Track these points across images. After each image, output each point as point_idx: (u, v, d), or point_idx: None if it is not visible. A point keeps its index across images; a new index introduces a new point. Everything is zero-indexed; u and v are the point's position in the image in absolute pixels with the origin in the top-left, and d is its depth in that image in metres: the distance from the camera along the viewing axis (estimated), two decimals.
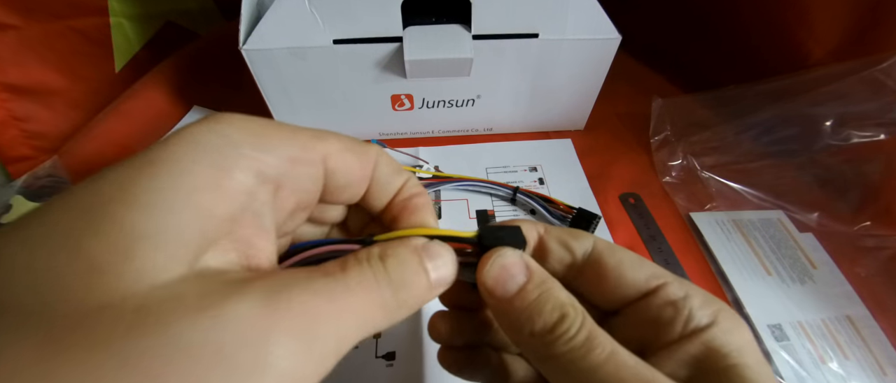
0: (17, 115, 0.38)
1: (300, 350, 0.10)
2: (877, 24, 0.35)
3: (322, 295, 0.11)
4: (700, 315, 0.14)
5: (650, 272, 0.15)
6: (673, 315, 0.14)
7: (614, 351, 0.12)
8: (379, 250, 0.13)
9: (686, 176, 0.41)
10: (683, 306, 0.14)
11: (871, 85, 0.33)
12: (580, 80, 0.41)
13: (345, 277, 0.12)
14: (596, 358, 0.12)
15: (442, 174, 0.40)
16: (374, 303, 0.12)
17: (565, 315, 0.13)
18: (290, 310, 0.10)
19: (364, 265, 0.12)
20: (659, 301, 0.15)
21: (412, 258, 0.13)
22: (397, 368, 0.28)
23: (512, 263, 0.14)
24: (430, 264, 0.13)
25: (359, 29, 0.34)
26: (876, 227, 0.36)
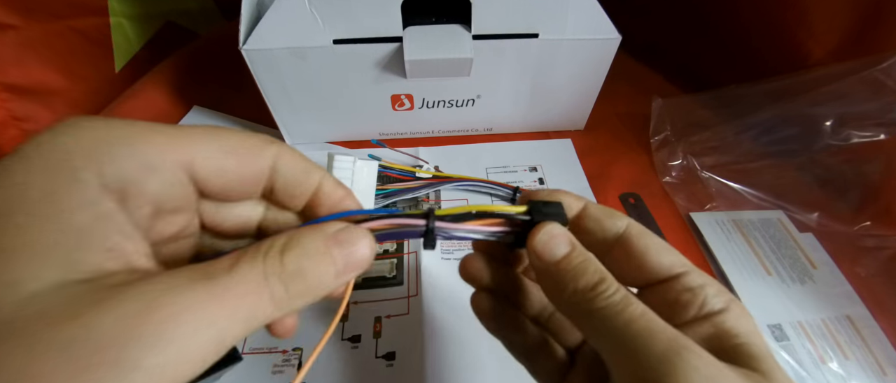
0: (17, 115, 0.38)
1: (169, 350, 0.10)
2: (877, 24, 0.35)
3: (198, 297, 0.11)
4: (714, 301, 0.15)
5: (673, 260, 0.17)
6: (690, 299, 0.16)
7: (646, 310, 0.14)
8: (284, 241, 0.13)
9: (686, 176, 0.41)
10: (700, 293, 0.16)
11: (871, 85, 0.33)
12: (580, 80, 0.41)
13: (227, 278, 0.12)
14: (632, 313, 0.14)
15: (442, 174, 0.40)
16: (261, 299, 0.12)
17: (604, 278, 0.15)
18: (159, 313, 0.10)
19: (257, 261, 0.12)
20: (679, 286, 0.16)
21: (319, 248, 0.13)
22: (397, 368, 0.28)
23: (559, 234, 0.16)
24: (340, 252, 0.14)
25: (359, 29, 0.34)
26: (876, 227, 0.36)
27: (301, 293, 0.13)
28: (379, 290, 0.32)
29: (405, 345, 0.29)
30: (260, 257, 0.12)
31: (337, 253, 0.14)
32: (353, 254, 0.14)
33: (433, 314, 0.30)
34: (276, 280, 0.12)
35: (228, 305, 0.11)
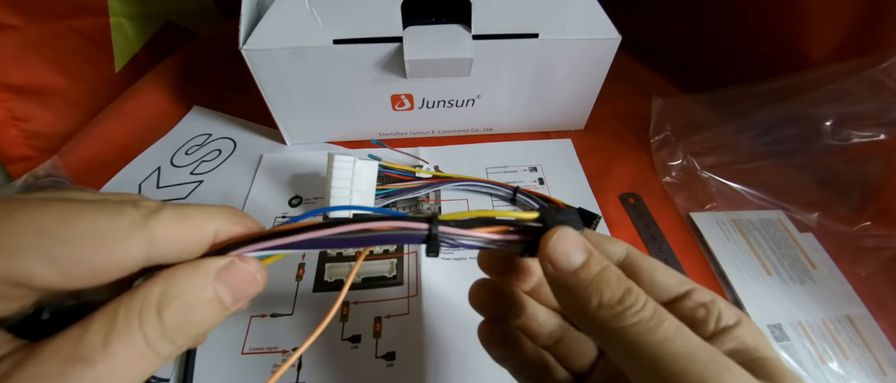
0: (17, 115, 0.38)
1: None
2: (877, 24, 0.35)
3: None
4: (727, 315, 0.15)
5: (679, 278, 0.16)
6: (705, 315, 0.15)
7: (681, 326, 0.13)
8: (158, 294, 0.12)
9: (686, 176, 0.41)
10: (714, 308, 0.15)
11: (871, 85, 0.33)
12: (580, 80, 0.41)
13: (106, 358, 0.11)
14: (666, 331, 0.13)
15: (442, 174, 0.40)
16: (147, 363, 0.11)
17: (630, 289, 0.14)
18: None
19: (133, 329, 0.11)
20: (691, 303, 0.15)
21: (202, 295, 0.13)
22: (397, 368, 0.28)
23: (574, 239, 0.15)
24: (227, 290, 0.13)
25: (359, 29, 0.34)
26: (876, 227, 0.36)
27: (190, 339, 0.12)
28: (379, 290, 0.32)
29: (405, 345, 0.29)
30: (135, 323, 0.11)
31: (223, 291, 0.13)
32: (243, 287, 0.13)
33: (433, 314, 0.30)
34: (160, 340, 0.11)
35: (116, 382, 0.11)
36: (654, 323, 0.13)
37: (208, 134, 0.45)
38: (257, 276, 0.14)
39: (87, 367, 0.10)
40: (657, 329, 0.13)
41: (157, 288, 0.12)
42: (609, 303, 0.14)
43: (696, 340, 0.13)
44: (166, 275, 0.12)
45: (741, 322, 0.15)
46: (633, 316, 0.13)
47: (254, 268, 0.14)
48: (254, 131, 0.46)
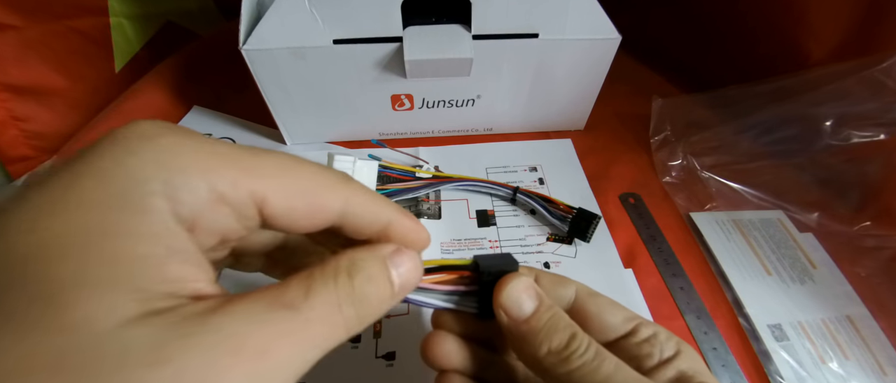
0: (17, 115, 0.38)
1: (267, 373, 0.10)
2: (877, 24, 0.35)
3: (282, 329, 0.11)
4: (667, 347, 0.17)
5: (624, 315, 0.18)
6: (650, 350, 0.17)
7: (620, 363, 0.14)
8: (347, 263, 0.13)
9: (686, 176, 0.41)
10: (656, 342, 0.17)
11: (871, 85, 0.33)
12: (580, 80, 0.41)
13: (307, 307, 0.11)
14: (607, 369, 0.14)
15: (442, 174, 0.40)
16: (336, 328, 0.12)
17: (575, 334, 0.15)
18: (247, 350, 0.10)
19: (329, 287, 0.12)
20: (637, 339, 0.17)
21: (381, 271, 0.13)
22: (397, 368, 0.28)
23: (525, 287, 0.16)
24: (396, 272, 0.14)
25: (359, 29, 0.34)
26: (876, 227, 0.36)
27: (368, 316, 0.13)
28: None
29: (405, 345, 0.29)
30: (331, 282, 0.12)
31: (394, 275, 0.14)
32: (407, 276, 0.14)
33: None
34: (349, 305, 0.12)
35: (310, 335, 0.11)
36: (595, 364, 0.14)
37: (208, 134, 0.45)
38: (421, 268, 0.15)
39: (292, 311, 0.11)
40: (599, 369, 0.14)
41: (344, 259, 0.13)
42: (556, 349, 0.15)
43: (633, 376, 0.14)
44: (349, 251, 0.13)
45: (681, 351, 0.17)
46: (578, 359, 0.15)
47: (416, 260, 0.15)
48: (254, 131, 0.46)
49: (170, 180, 0.11)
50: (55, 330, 0.09)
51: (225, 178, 0.11)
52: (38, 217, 0.10)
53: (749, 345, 0.30)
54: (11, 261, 0.09)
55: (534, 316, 0.16)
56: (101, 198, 0.10)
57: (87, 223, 0.10)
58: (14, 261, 0.09)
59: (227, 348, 0.10)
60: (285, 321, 0.11)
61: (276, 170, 0.12)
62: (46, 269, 0.09)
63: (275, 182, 0.12)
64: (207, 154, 0.11)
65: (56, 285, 0.09)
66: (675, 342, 0.17)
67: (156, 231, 0.10)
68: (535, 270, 0.19)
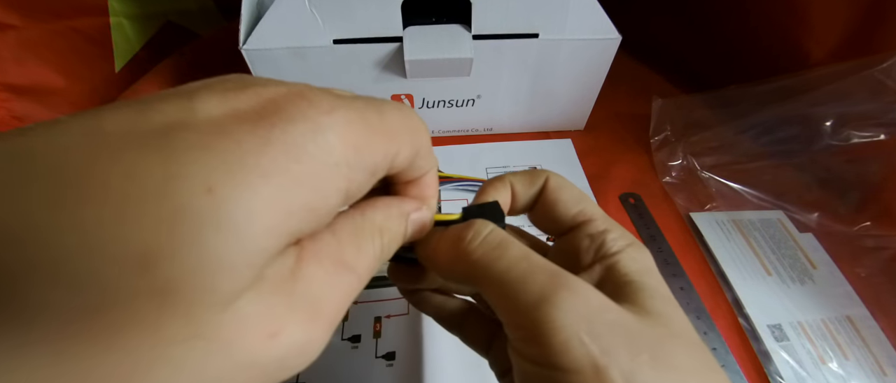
0: (17, 115, 0.38)
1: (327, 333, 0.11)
2: (877, 24, 0.35)
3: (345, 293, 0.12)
4: (611, 246, 0.16)
5: (581, 209, 0.17)
6: (589, 245, 0.16)
7: (527, 252, 0.14)
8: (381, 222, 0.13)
9: (686, 176, 0.41)
10: (599, 238, 0.16)
11: (871, 85, 0.33)
12: (580, 80, 0.41)
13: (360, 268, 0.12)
14: (510, 258, 0.13)
15: (442, 174, 0.40)
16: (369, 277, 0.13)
17: (473, 222, 0.15)
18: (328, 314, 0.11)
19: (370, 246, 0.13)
20: (581, 233, 0.17)
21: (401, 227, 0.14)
22: (397, 368, 0.28)
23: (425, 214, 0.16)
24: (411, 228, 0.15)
25: (359, 29, 0.34)
26: (876, 227, 0.36)
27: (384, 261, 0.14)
28: (379, 290, 0.32)
29: (405, 345, 0.29)
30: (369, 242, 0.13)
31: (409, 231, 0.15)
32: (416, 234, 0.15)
33: None
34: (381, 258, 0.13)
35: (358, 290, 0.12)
36: (498, 252, 0.14)
37: None
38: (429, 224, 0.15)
39: (351, 273, 0.12)
40: (502, 257, 0.14)
41: (379, 213, 0.13)
42: (454, 242, 0.15)
43: (540, 264, 0.13)
44: (378, 204, 0.14)
45: (623, 251, 0.15)
46: (479, 246, 0.14)
47: (430, 221, 0.15)
48: None
49: (351, 162, 0.11)
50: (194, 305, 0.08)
51: (382, 151, 0.12)
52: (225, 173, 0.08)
53: (749, 346, 0.30)
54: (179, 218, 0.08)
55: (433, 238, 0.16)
56: (298, 175, 0.09)
57: (277, 200, 0.09)
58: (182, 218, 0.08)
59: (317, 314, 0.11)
60: (350, 283, 0.12)
61: (404, 127, 0.13)
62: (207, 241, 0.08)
63: (405, 140, 0.13)
64: (368, 128, 0.11)
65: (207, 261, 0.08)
66: (624, 243, 0.16)
67: (332, 212, 0.11)
68: (508, 178, 0.19)
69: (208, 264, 0.08)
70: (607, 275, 0.15)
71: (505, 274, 0.13)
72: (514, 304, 0.13)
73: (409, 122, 0.13)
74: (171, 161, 0.08)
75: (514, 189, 0.18)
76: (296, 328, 0.10)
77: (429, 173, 0.15)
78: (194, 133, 0.09)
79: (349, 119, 0.11)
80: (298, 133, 0.10)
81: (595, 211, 0.17)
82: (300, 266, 0.10)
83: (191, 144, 0.08)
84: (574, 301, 0.12)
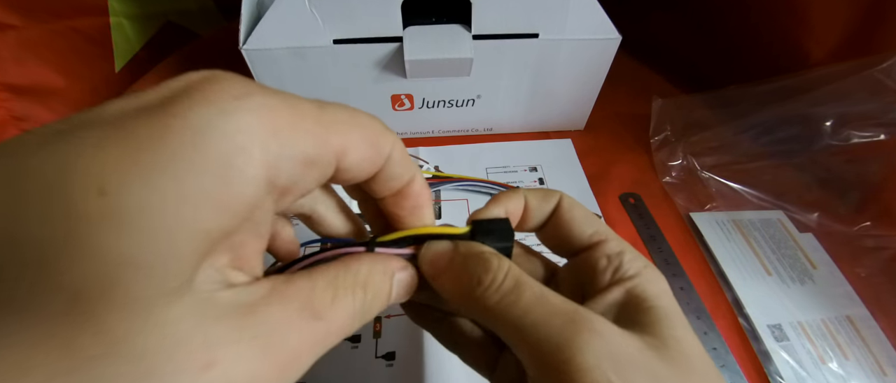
0: (17, 115, 0.38)
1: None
2: (877, 24, 0.35)
3: (309, 341, 0.11)
4: (628, 267, 0.16)
5: (595, 229, 0.17)
6: (606, 265, 0.16)
7: (542, 292, 0.14)
8: (365, 276, 0.13)
9: (686, 176, 0.41)
10: (616, 259, 0.16)
11: (871, 85, 0.33)
12: (580, 79, 0.41)
13: (332, 318, 0.12)
14: (527, 301, 0.13)
15: (442, 174, 0.40)
16: (345, 333, 0.12)
17: (488, 266, 0.14)
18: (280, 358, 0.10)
19: (349, 298, 0.12)
20: (597, 253, 0.16)
21: (386, 287, 0.14)
22: (397, 368, 0.28)
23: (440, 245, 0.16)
24: (396, 288, 0.14)
25: (359, 29, 0.34)
26: (876, 227, 0.36)
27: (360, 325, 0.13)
28: None
29: (405, 345, 0.29)
30: (350, 295, 0.12)
31: (394, 292, 0.14)
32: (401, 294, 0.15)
33: None
34: (358, 317, 0.13)
35: (328, 342, 0.12)
36: (514, 297, 0.13)
37: None
38: (414, 284, 0.15)
39: (318, 322, 0.11)
40: (518, 302, 0.13)
41: (363, 268, 0.13)
42: (470, 285, 0.14)
43: (557, 304, 0.13)
44: (363, 259, 0.14)
45: (640, 274, 0.15)
46: (495, 293, 0.14)
47: (414, 277, 0.15)
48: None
49: (268, 146, 0.10)
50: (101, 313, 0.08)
51: (315, 139, 0.11)
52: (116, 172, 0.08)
53: (749, 346, 0.30)
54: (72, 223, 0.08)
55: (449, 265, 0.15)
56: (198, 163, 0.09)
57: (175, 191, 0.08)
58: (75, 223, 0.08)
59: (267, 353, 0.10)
60: (314, 331, 0.11)
61: (350, 121, 0.12)
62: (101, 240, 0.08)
63: (353, 135, 0.12)
64: (295, 114, 0.11)
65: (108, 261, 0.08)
66: (640, 265, 0.16)
67: (250, 203, 0.10)
68: (522, 192, 0.18)
69: (110, 265, 0.08)
70: (627, 298, 0.15)
71: (522, 318, 0.13)
72: (536, 348, 0.13)
73: (357, 118, 0.12)
74: (63, 161, 0.08)
75: (528, 203, 0.18)
76: (239, 363, 0.09)
77: (413, 182, 0.15)
78: (93, 130, 0.08)
79: (267, 103, 0.10)
80: (199, 117, 0.09)
81: (609, 231, 0.17)
82: (263, 302, 0.10)
83: (86, 143, 0.08)
84: (598, 342, 0.12)
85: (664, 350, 0.13)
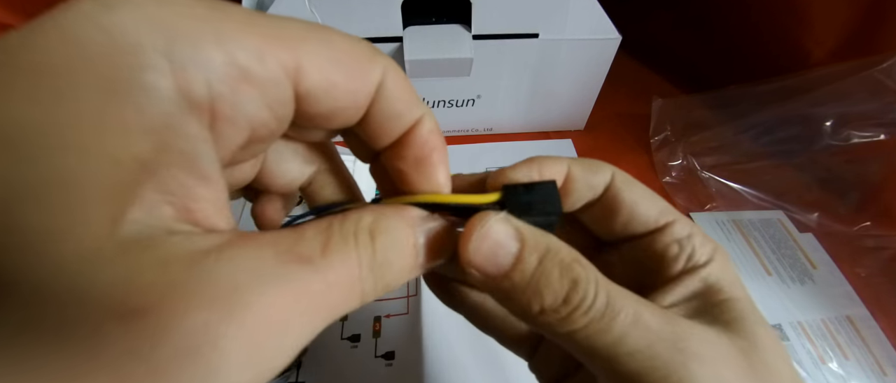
0: None
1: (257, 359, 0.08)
2: (877, 24, 0.35)
3: (293, 292, 0.09)
4: (700, 253, 0.14)
5: (661, 208, 0.15)
6: (678, 252, 0.14)
7: (638, 313, 0.11)
8: (370, 222, 0.11)
9: (686, 176, 0.41)
10: (688, 244, 0.14)
11: (871, 85, 0.33)
12: (580, 80, 0.41)
13: (325, 266, 0.09)
14: (621, 327, 0.11)
15: None
16: (352, 294, 0.10)
17: (576, 280, 0.11)
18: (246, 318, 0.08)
19: (349, 245, 0.10)
20: (666, 238, 0.14)
21: (407, 237, 0.11)
22: (397, 368, 0.28)
23: (498, 230, 0.12)
24: (422, 244, 0.12)
25: (359, 29, 0.34)
26: (876, 227, 0.36)
27: (387, 285, 0.11)
28: None
29: (405, 345, 0.29)
30: (351, 241, 0.10)
31: (421, 243, 0.12)
32: (434, 248, 0.12)
33: (433, 313, 0.30)
34: (368, 271, 0.10)
35: (326, 301, 0.09)
36: (606, 321, 0.11)
37: None
38: (449, 240, 0.12)
39: (306, 266, 0.09)
40: (611, 327, 0.11)
41: (367, 216, 0.11)
42: (552, 307, 0.11)
43: (655, 328, 0.11)
44: (373, 208, 0.11)
45: (714, 259, 0.14)
46: (583, 316, 0.11)
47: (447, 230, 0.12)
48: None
49: (173, 49, 0.08)
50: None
51: (247, 47, 0.09)
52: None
53: None
54: None
55: (516, 268, 0.11)
56: (75, 76, 0.07)
57: (49, 106, 0.07)
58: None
59: (225, 310, 0.07)
60: (300, 281, 0.09)
61: (308, 35, 0.10)
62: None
63: (310, 48, 0.10)
64: (220, 16, 0.08)
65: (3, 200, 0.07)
66: (710, 247, 0.14)
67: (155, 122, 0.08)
68: (566, 160, 0.15)
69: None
70: (703, 288, 0.14)
71: (616, 346, 0.11)
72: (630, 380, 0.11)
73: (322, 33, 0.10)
74: None
75: (572, 174, 0.15)
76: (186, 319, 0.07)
77: (419, 124, 0.12)
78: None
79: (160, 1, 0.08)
80: (76, 17, 0.07)
81: (674, 210, 0.15)
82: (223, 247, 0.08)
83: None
84: (708, 371, 0.11)
85: (754, 354, 0.12)
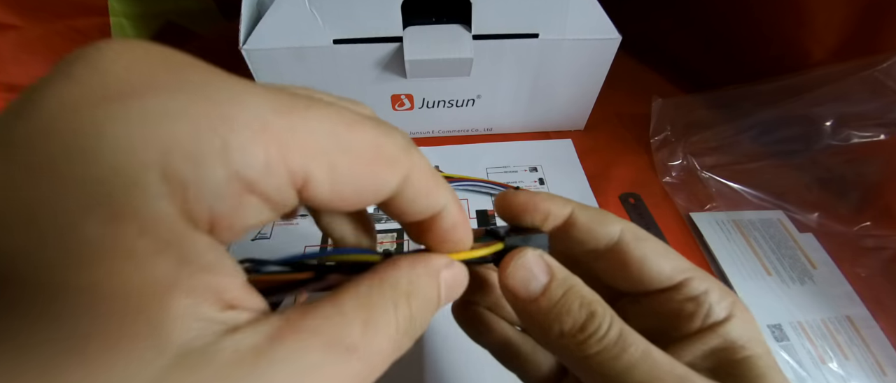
0: None
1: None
2: (877, 24, 0.35)
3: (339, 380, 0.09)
4: (718, 309, 0.14)
5: (674, 265, 0.15)
6: (694, 309, 0.14)
7: (648, 349, 0.12)
8: (407, 286, 0.11)
9: (686, 176, 0.41)
10: (704, 301, 0.14)
11: (871, 85, 0.33)
12: (580, 80, 0.41)
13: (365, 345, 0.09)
14: (630, 358, 0.12)
15: (442, 174, 0.40)
16: (391, 358, 0.10)
17: (594, 312, 0.13)
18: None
19: (390, 314, 0.10)
20: (681, 295, 0.15)
21: (434, 290, 0.12)
22: (397, 368, 0.28)
23: (533, 263, 0.14)
24: (444, 291, 0.12)
25: (359, 29, 0.34)
26: (876, 227, 0.36)
27: (416, 335, 0.11)
28: None
29: None
30: (391, 310, 0.10)
31: (443, 291, 0.12)
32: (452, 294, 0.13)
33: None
34: (405, 336, 0.10)
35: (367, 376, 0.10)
36: (617, 350, 0.12)
37: None
38: (465, 282, 0.13)
39: (352, 357, 0.09)
40: (621, 356, 0.12)
41: (404, 276, 0.11)
42: (570, 332, 0.13)
43: (664, 364, 0.12)
44: (406, 264, 0.11)
45: (733, 316, 0.14)
46: (596, 343, 0.12)
47: (464, 274, 0.13)
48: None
49: (171, 169, 0.07)
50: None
51: (255, 160, 0.08)
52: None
53: None
54: None
55: (544, 295, 0.13)
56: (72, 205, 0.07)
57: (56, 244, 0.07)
58: None
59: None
60: (345, 365, 0.09)
61: (326, 144, 0.09)
62: None
63: (324, 161, 0.09)
64: (221, 118, 0.08)
65: None
66: (728, 303, 0.14)
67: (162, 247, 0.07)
68: (572, 204, 0.16)
69: None
70: (722, 344, 0.14)
71: (625, 374, 0.12)
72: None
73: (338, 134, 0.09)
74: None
75: (577, 219, 0.15)
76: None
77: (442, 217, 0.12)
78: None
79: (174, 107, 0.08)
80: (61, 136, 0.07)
81: (689, 265, 0.15)
82: (272, 344, 0.08)
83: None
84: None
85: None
